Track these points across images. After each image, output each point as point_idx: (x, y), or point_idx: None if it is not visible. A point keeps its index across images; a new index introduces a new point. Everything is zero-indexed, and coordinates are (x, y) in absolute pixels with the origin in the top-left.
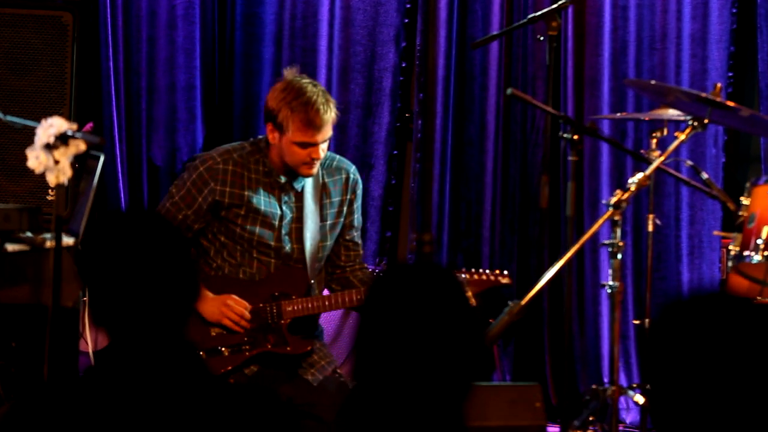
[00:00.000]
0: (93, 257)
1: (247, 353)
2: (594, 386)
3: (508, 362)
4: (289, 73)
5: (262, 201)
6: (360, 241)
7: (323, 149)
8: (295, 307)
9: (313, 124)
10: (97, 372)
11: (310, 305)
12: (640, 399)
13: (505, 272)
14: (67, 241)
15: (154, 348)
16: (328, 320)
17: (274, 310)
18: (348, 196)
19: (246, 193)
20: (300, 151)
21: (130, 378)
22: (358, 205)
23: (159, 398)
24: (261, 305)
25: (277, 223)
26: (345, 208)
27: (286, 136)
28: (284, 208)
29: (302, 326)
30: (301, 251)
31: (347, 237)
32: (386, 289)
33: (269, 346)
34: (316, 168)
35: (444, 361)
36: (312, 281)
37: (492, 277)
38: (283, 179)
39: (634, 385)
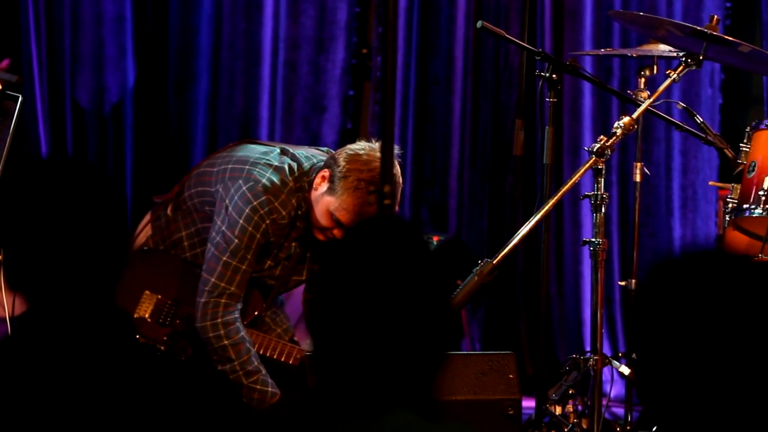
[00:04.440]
0: (8, 211)
1: (158, 354)
2: (574, 356)
3: (477, 329)
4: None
5: (284, 247)
6: None
7: None
8: None
9: (362, 213)
10: (13, 342)
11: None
12: (625, 370)
13: None
14: None
15: (79, 314)
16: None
17: None
18: None
19: (280, 242)
20: (328, 222)
21: (52, 349)
22: None
23: (85, 371)
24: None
25: (278, 262)
26: None
27: (330, 200)
28: (293, 248)
29: None
30: (276, 278)
31: None
32: (345, 247)
33: (183, 358)
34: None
35: (406, 328)
36: (266, 313)
37: None
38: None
39: (620, 355)
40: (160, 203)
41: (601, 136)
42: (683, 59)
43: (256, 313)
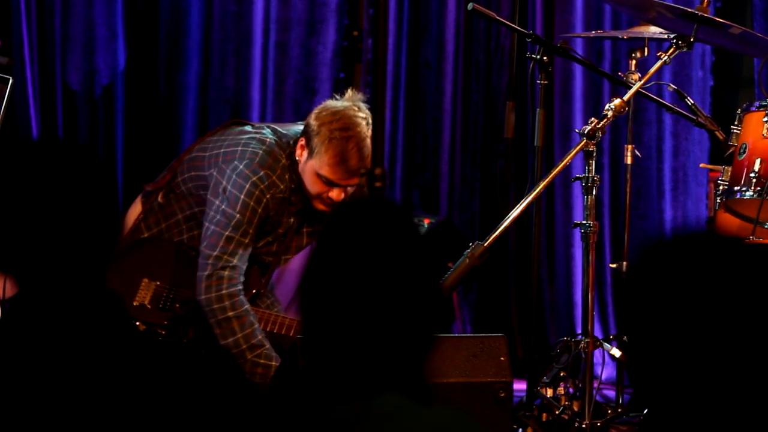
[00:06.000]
0: None
1: (159, 339)
2: (565, 338)
3: (468, 311)
4: (351, 96)
5: (282, 223)
6: None
7: (347, 192)
8: None
9: (347, 163)
10: (5, 325)
11: None
12: (616, 352)
13: None
14: None
15: (70, 297)
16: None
17: None
18: None
19: (278, 218)
20: (320, 186)
21: (43, 331)
22: None
23: (77, 354)
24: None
25: (276, 239)
26: None
27: (312, 162)
28: (291, 222)
29: None
30: (273, 254)
31: None
32: (334, 230)
33: (185, 341)
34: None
35: (396, 311)
36: (262, 290)
37: None
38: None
39: (611, 337)
40: (151, 191)
41: (592, 119)
42: (674, 41)
43: (254, 290)
